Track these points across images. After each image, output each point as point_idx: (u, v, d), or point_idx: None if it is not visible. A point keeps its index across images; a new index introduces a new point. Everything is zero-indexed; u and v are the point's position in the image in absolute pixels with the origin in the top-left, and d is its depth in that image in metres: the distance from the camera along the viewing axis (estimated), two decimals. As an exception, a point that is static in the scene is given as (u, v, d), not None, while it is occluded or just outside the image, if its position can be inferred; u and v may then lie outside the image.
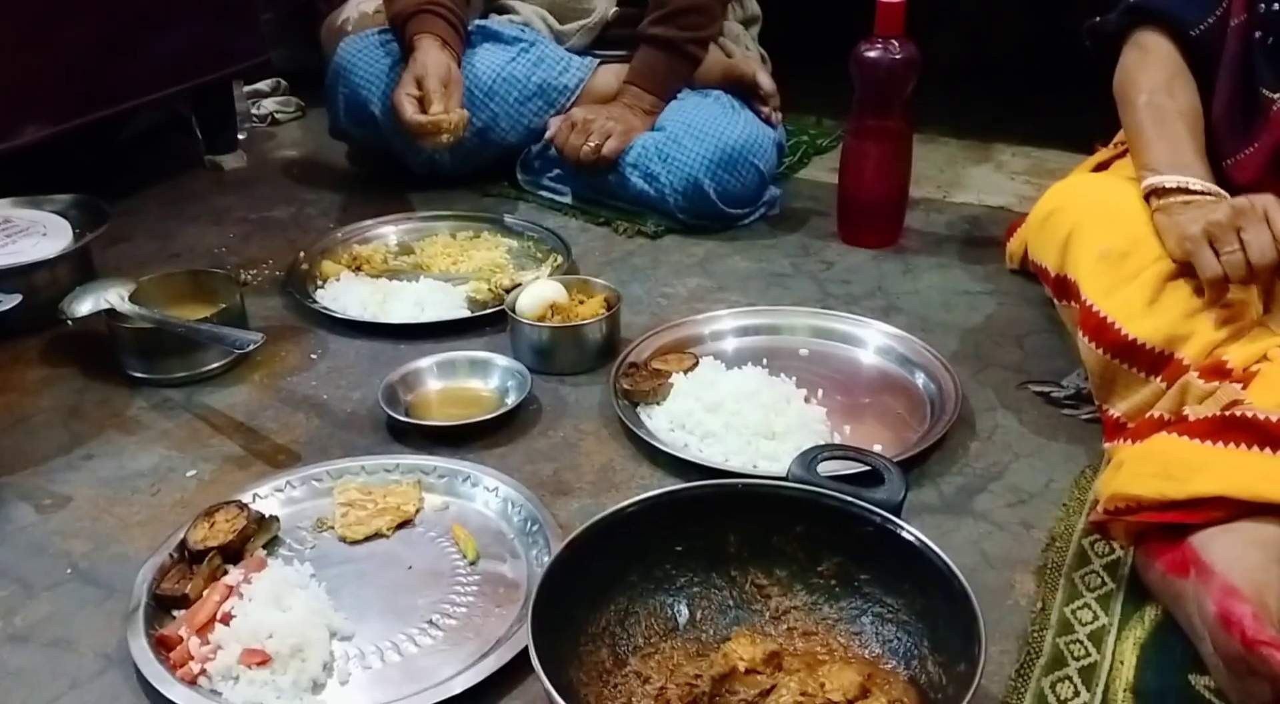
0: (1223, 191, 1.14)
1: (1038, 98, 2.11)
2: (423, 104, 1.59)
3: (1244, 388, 1.00)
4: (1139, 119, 1.23)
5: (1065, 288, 1.20)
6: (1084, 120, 1.52)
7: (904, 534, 0.85)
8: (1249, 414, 0.92)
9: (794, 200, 1.78)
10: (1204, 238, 1.05)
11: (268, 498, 1.07)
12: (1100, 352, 1.11)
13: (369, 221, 1.66)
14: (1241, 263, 1.03)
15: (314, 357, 1.35)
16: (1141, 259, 1.13)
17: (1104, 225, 1.19)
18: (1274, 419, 0.90)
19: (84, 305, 1.30)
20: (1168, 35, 1.25)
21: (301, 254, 1.55)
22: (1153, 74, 1.24)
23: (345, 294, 1.46)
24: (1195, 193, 1.13)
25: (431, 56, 1.63)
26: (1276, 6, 1.14)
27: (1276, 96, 1.16)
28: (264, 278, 1.55)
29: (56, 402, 1.27)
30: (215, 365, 1.30)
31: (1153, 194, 1.16)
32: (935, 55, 1.65)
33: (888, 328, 1.33)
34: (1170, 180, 1.15)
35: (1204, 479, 0.90)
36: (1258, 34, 1.16)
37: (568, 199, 1.77)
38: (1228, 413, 0.94)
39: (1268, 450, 0.90)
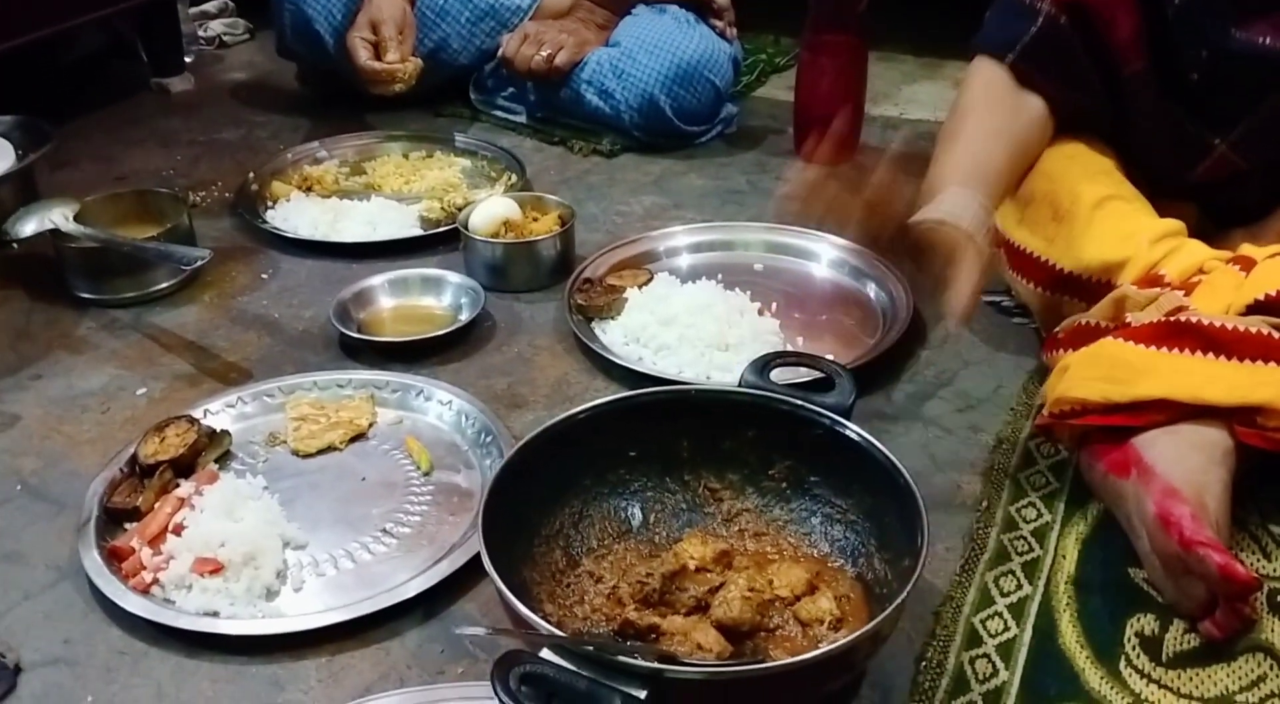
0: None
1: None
2: (377, 50, 1.56)
3: (1187, 295, 1.01)
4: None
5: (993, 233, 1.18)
6: None
7: (851, 435, 0.86)
8: (1194, 319, 0.93)
9: (751, 118, 1.76)
10: None
11: (219, 414, 1.06)
12: (1038, 289, 1.12)
13: (319, 142, 1.64)
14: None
15: (265, 276, 1.34)
16: (1067, 191, 1.12)
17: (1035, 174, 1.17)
18: (1218, 324, 0.91)
19: (28, 226, 1.27)
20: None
21: (251, 175, 1.53)
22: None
23: (296, 214, 1.44)
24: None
25: (387, 0, 1.60)
26: (1205, 53, 1.09)
27: (1216, 141, 1.12)
28: (213, 199, 1.53)
29: (3, 323, 1.26)
30: (164, 285, 1.29)
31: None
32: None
33: (840, 241, 1.33)
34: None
35: (1148, 382, 0.91)
36: (1194, 77, 1.11)
37: (522, 118, 1.75)
38: (1173, 318, 0.95)
39: (1211, 355, 0.91)
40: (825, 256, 1.33)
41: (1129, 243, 1.06)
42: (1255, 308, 0.94)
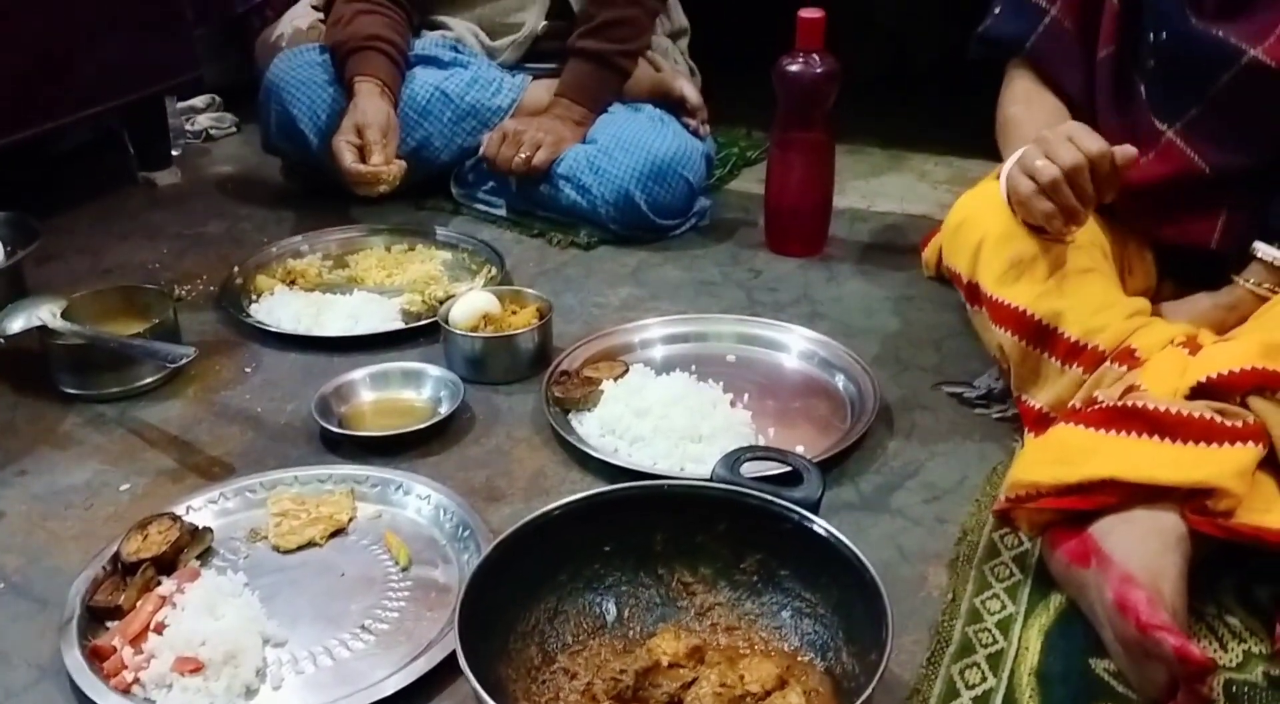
0: None
1: (959, 106, 2.15)
2: (362, 153, 1.62)
3: (1131, 371, 1.07)
4: (1006, 131, 1.31)
5: (977, 294, 1.25)
6: None
7: (818, 530, 0.89)
8: (1139, 403, 0.98)
9: (724, 211, 1.82)
10: (1020, 172, 1.13)
11: (201, 510, 1.08)
12: (1018, 340, 1.17)
13: (302, 236, 1.68)
14: (1053, 172, 1.09)
15: (248, 370, 1.37)
16: (1051, 261, 1.19)
17: (1011, 234, 1.24)
18: (1163, 408, 0.96)
19: (16, 322, 1.30)
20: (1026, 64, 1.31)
21: (235, 269, 1.56)
22: (1014, 94, 1.32)
23: (279, 308, 1.47)
24: None
25: (372, 104, 1.66)
26: (1165, 35, 1.19)
27: (1165, 127, 1.21)
28: (198, 293, 1.56)
29: (-12, 419, 1.28)
30: (149, 380, 1.31)
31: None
32: (859, 64, 1.70)
33: (811, 333, 1.38)
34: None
35: (1096, 463, 0.95)
36: (1151, 63, 1.21)
37: (502, 211, 1.80)
38: (1120, 403, 1.00)
39: (1157, 437, 0.96)
40: (795, 348, 1.37)
41: (1106, 313, 1.13)
42: (1198, 390, 1.00)
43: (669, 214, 1.70)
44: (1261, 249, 1.18)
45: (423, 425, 1.20)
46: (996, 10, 1.34)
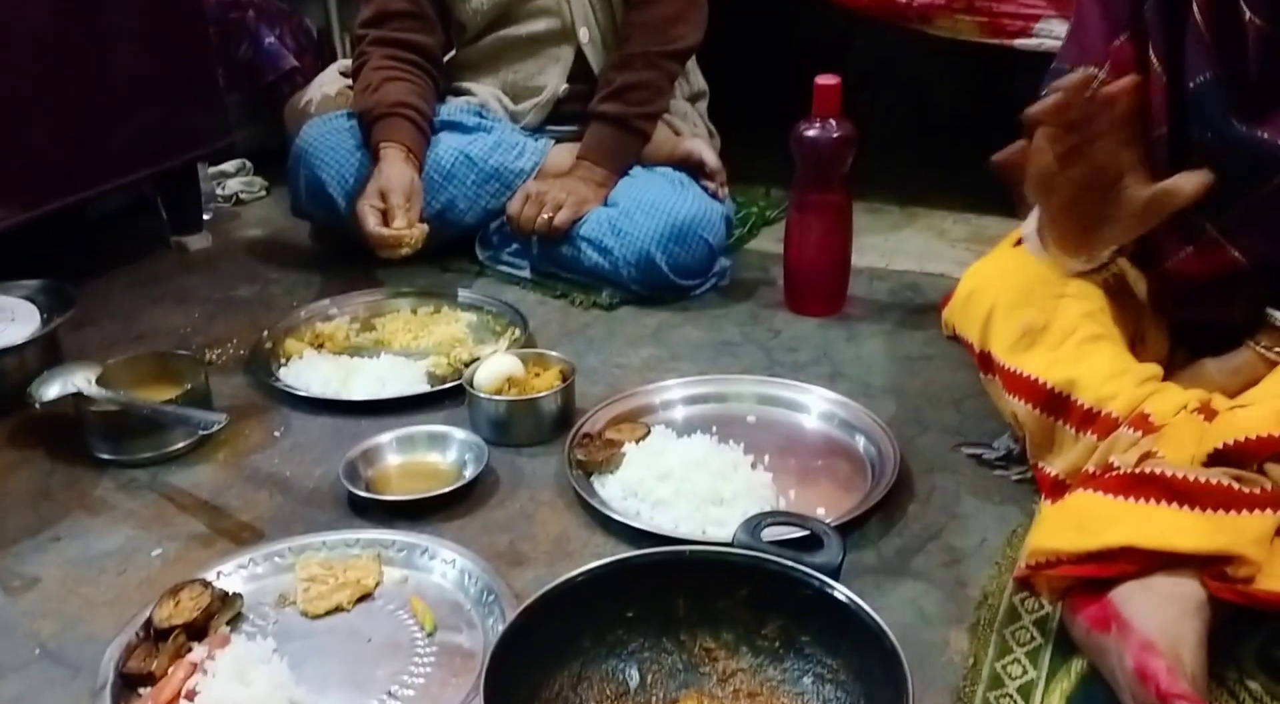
0: None
1: (978, 163, 2.19)
2: (386, 216, 1.66)
3: (1149, 436, 1.07)
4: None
5: (989, 363, 1.26)
6: None
7: (839, 596, 0.89)
8: (1157, 470, 0.98)
9: (744, 271, 1.84)
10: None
11: (231, 575, 1.10)
12: (1032, 408, 1.18)
13: (330, 299, 1.71)
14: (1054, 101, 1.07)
15: (277, 434, 1.39)
16: (1062, 328, 1.20)
17: (1021, 303, 1.25)
18: (1181, 475, 0.97)
19: (52, 389, 1.33)
20: None
21: (265, 333, 1.60)
22: None
23: (308, 371, 1.50)
24: None
25: (396, 169, 1.70)
26: (1210, 135, 1.17)
27: (1207, 223, 1.18)
28: (228, 357, 1.59)
29: (24, 484, 1.30)
30: (180, 445, 1.34)
31: None
32: (879, 121, 1.72)
33: (830, 394, 1.39)
34: None
35: (1115, 531, 0.96)
36: (1197, 159, 1.18)
37: (525, 273, 1.83)
38: (1138, 470, 1.00)
39: (1175, 504, 0.96)
40: (815, 409, 1.38)
41: (1119, 380, 1.14)
42: (1215, 457, 1.01)
43: (689, 275, 1.73)
44: (1277, 317, 1.19)
45: (448, 489, 1.22)
46: (1044, 92, 1.33)
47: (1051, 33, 1.74)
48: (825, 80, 1.57)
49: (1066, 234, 1.19)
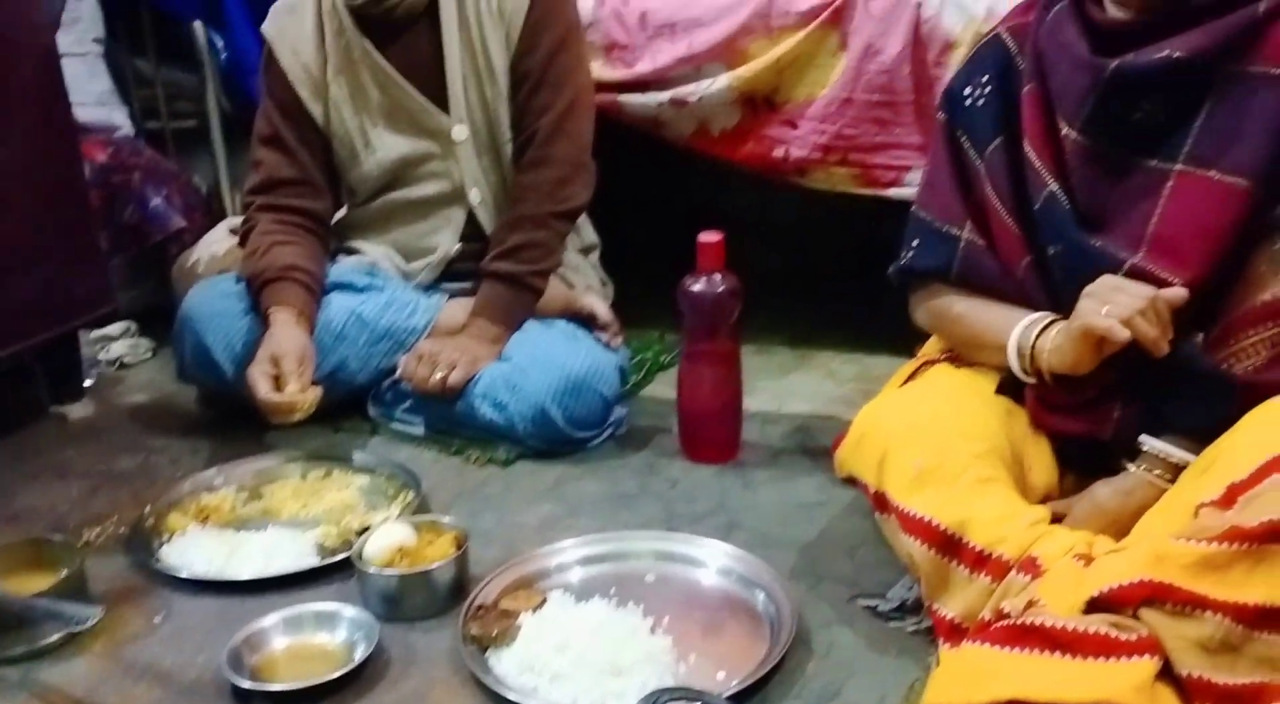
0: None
1: (864, 303, 2.26)
2: (278, 381, 1.64)
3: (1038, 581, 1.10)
4: (963, 323, 1.36)
5: (884, 503, 1.29)
6: (904, 322, 1.61)
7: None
8: (1039, 621, 1.01)
9: (641, 418, 1.85)
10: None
11: (103, 785, 1.04)
12: (927, 548, 1.20)
13: (216, 468, 1.67)
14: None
15: (157, 620, 1.34)
16: (954, 469, 1.23)
17: (913, 443, 1.29)
18: (1059, 625, 1.00)
19: (-86, 584, 1.26)
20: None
21: (147, 508, 1.55)
22: (948, 299, 1.39)
23: (191, 549, 1.45)
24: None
25: (287, 333, 1.70)
26: (1060, 247, 1.26)
27: None
28: (108, 537, 1.53)
29: (-120, 691, 1.22)
30: (54, 638, 1.27)
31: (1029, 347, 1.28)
32: (765, 263, 1.76)
33: (728, 548, 1.39)
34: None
35: (1002, 684, 0.98)
36: (1054, 273, 1.28)
37: (420, 430, 1.81)
38: (1020, 621, 1.03)
39: (1058, 654, 0.98)
40: (714, 564, 1.38)
41: (1009, 523, 1.17)
42: (1093, 604, 1.04)
43: (586, 427, 1.73)
44: (1148, 443, 1.24)
45: (336, 674, 1.18)
46: (914, 243, 1.41)
47: (919, 188, 1.82)
48: (708, 237, 1.62)
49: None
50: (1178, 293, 1.18)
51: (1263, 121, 1.18)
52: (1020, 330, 1.28)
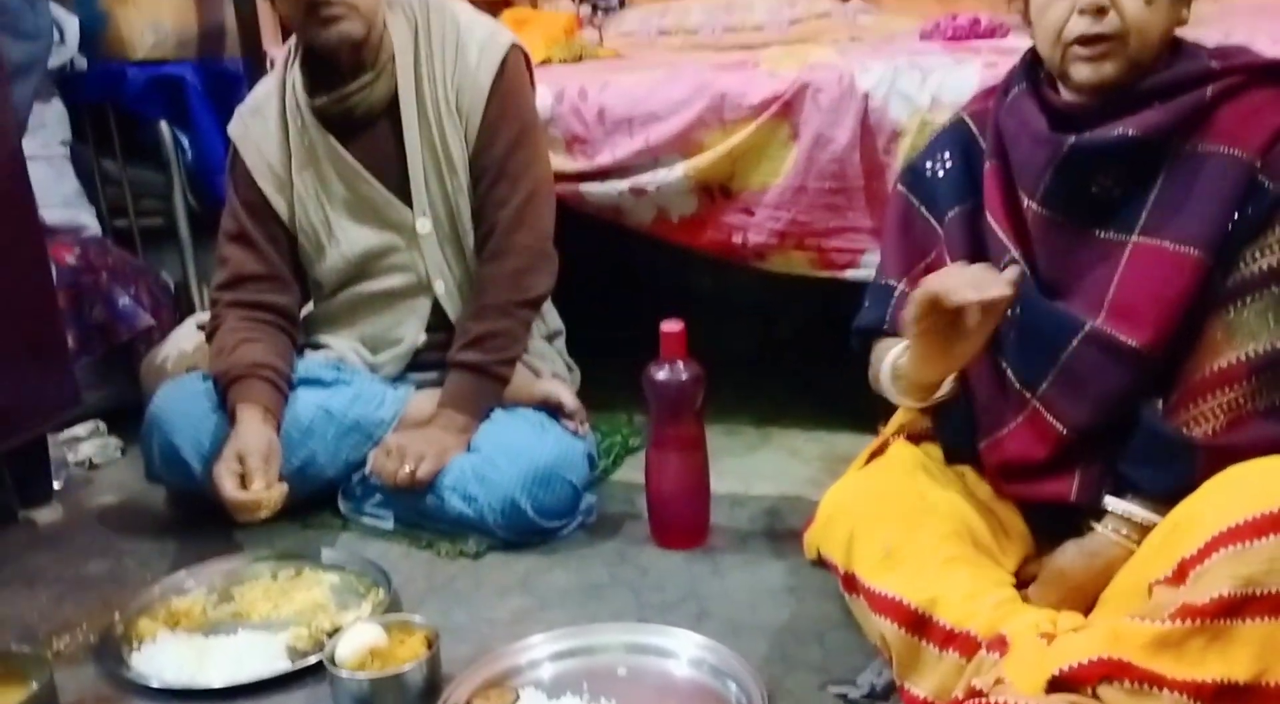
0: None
1: (826, 381, 2.30)
2: (244, 479, 1.65)
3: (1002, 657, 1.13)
4: (872, 368, 1.43)
5: (854, 584, 1.31)
6: (867, 397, 1.62)
7: None
8: (1001, 700, 1.03)
9: (610, 504, 1.86)
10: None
11: None
12: (897, 627, 1.22)
13: (186, 571, 1.66)
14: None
15: (127, 733, 1.33)
16: (922, 547, 1.26)
17: (880, 523, 1.32)
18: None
19: (-122, 706, 1.25)
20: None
21: (116, 616, 1.54)
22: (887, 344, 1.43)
23: (161, 655, 1.45)
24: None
25: (253, 430, 1.71)
26: (1020, 310, 1.30)
27: (1029, 395, 1.32)
28: (77, 646, 1.52)
29: None
30: (23, 756, 1.26)
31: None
32: (728, 343, 1.79)
33: (699, 638, 1.40)
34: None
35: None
36: (1012, 336, 1.33)
37: (390, 524, 1.81)
38: (986, 701, 1.04)
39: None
40: (685, 655, 1.39)
41: (977, 600, 1.20)
42: (1054, 683, 1.06)
43: (555, 516, 1.74)
44: (1111, 503, 1.27)
45: (309, 783, 1.18)
46: (865, 304, 1.49)
47: (877, 264, 1.87)
48: (670, 326, 1.65)
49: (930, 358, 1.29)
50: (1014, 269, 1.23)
51: (1212, 196, 1.24)
52: (889, 359, 1.35)
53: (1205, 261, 1.23)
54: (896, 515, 1.32)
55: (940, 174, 1.43)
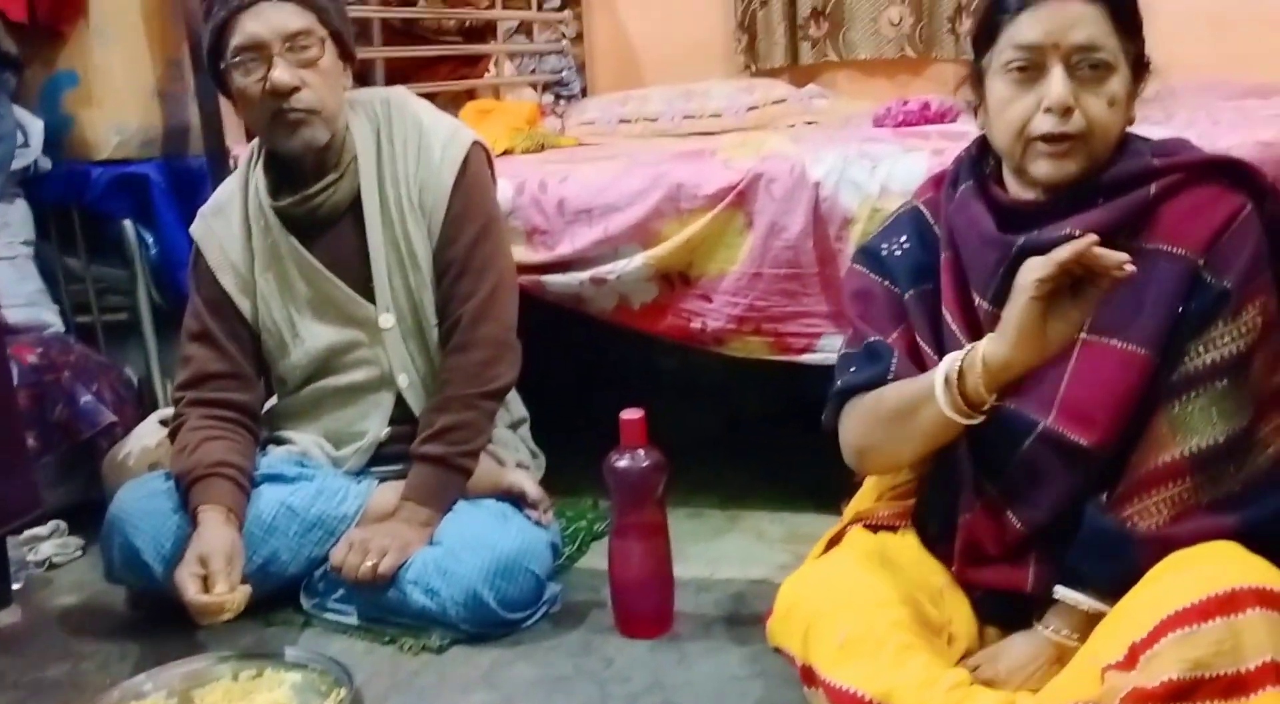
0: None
1: (789, 461, 2.32)
2: (206, 582, 1.64)
3: None
4: (887, 398, 1.35)
5: (812, 677, 1.31)
6: (831, 477, 1.64)
7: None
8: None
9: (575, 592, 1.85)
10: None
11: None
12: None
13: (145, 674, 1.63)
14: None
15: None
16: (876, 638, 1.27)
17: (837, 614, 1.32)
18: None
19: None
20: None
21: (72, 729, 1.52)
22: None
23: (119, 764, 1.42)
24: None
25: (215, 532, 1.70)
26: None
27: (988, 486, 1.34)
28: (33, 754, 1.50)
29: None
30: None
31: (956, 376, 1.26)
32: (694, 426, 1.80)
33: (661, 732, 1.40)
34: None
35: None
36: (972, 431, 1.32)
37: (353, 619, 1.80)
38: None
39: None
40: (649, 749, 1.38)
41: (931, 689, 1.21)
42: None
43: (519, 608, 1.74)
44: (1060, 592, 1.29)
45: None
46: (852, 368, 1.42)
47: (833, 347, 1.89)
48: (629, 415, 1.67)
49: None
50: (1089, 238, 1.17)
51: (1157, 295, 1.27)
52: (946, 363, 1.27)
53: (1153, 360, 1.26)
54: (851, 607, 1.31)
55: (898, 253, 1.44)
